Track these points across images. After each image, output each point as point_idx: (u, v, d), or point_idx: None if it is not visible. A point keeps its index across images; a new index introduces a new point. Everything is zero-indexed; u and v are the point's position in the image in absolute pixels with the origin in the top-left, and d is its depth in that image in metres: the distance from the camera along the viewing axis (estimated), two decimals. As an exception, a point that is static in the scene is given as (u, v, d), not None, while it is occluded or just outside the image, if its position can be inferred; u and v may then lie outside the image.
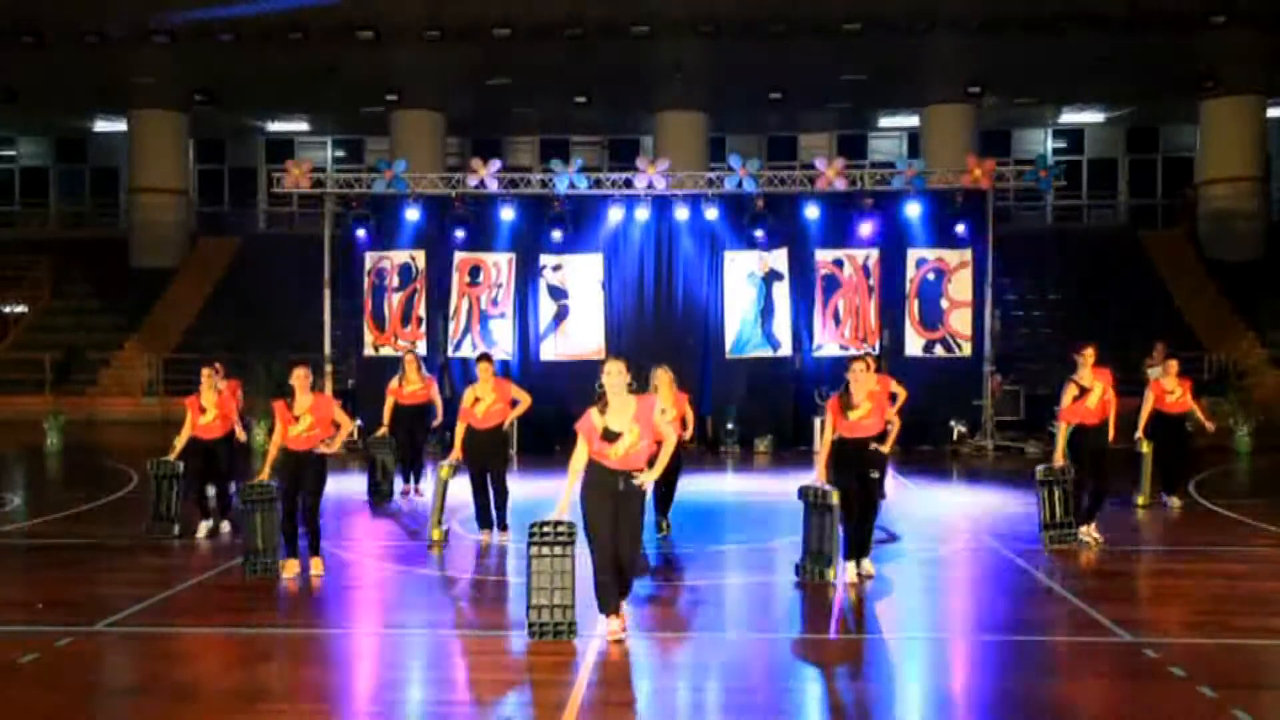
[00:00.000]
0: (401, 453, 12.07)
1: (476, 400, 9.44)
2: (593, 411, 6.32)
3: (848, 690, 5.67)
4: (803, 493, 7.96)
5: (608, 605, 6.34)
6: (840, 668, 6.05)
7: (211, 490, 9.93)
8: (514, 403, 9.75)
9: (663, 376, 9.24)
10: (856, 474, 7.75)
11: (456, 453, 9.45)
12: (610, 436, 6.24)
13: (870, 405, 7.71)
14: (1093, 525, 9.18)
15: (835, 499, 7.66)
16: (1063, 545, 8.94)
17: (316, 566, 8.13)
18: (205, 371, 9.75)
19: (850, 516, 7.79)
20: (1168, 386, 11.10)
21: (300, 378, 8.07)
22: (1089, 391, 9.09)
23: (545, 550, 6.37)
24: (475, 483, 9.51)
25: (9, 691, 5.54)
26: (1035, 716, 5.22)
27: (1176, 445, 11.18)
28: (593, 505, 6.31)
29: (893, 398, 9.71)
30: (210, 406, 9.57)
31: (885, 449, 7.78)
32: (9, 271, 26.95)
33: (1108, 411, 9.18)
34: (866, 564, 7.94)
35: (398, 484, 12.18)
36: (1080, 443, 9.17)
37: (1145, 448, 11.03)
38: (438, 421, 12.17)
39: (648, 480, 6.32)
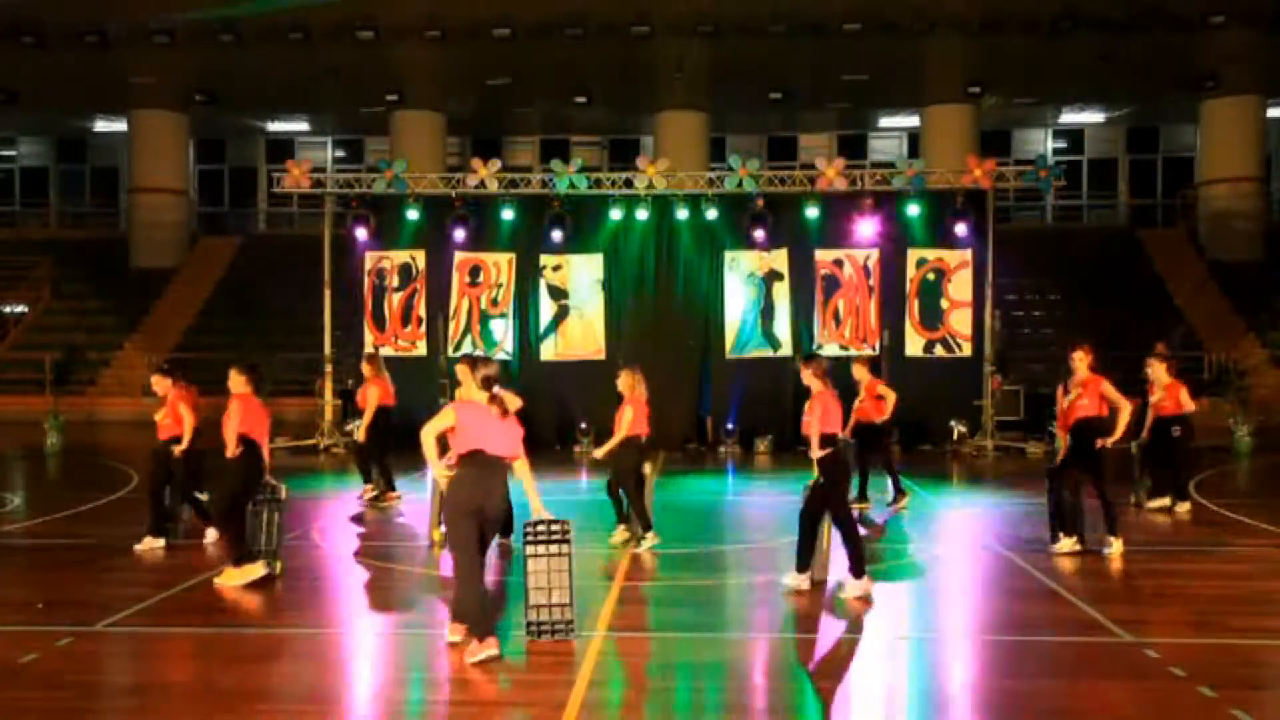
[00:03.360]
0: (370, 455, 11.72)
1: None
2: None
3: (848, 690, 5.66)
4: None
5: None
6: (840, 668, 6.05)
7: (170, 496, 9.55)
8: None
9: (625, 379, 9.15)
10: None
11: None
12: None
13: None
14: (1119, 539, 8.84)
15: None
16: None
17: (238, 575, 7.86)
18: (154, 377, 9.57)
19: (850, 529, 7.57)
20: (1156, 390, 11.00)
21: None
22: (1072, 394, 8.91)
23: (541, 550, 6.35)
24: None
25: (9, 691, 5.53)
26: (1036, 717, 5.21)
27: (1164, 449, 10.96)
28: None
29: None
30: (162, 408, 9.33)
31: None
32: (9, 271, 27.00)
33: (1080, 414, 8.83)
34: (865, 582, 7.38)
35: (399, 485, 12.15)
36: (1079, 445, 8.98)
37: (1134, 449, 11.01)
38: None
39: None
